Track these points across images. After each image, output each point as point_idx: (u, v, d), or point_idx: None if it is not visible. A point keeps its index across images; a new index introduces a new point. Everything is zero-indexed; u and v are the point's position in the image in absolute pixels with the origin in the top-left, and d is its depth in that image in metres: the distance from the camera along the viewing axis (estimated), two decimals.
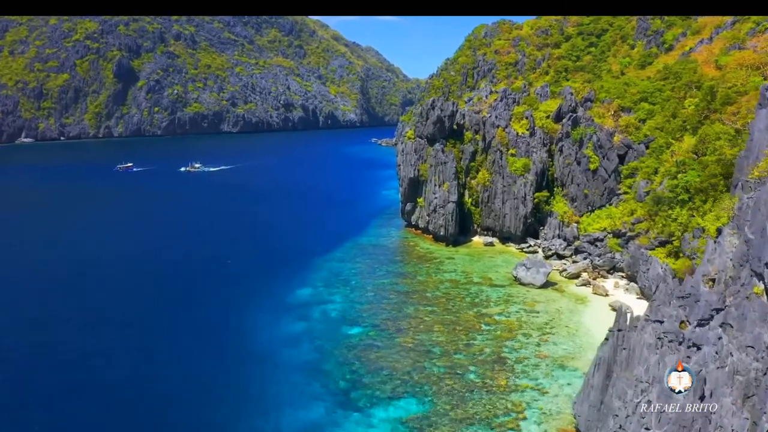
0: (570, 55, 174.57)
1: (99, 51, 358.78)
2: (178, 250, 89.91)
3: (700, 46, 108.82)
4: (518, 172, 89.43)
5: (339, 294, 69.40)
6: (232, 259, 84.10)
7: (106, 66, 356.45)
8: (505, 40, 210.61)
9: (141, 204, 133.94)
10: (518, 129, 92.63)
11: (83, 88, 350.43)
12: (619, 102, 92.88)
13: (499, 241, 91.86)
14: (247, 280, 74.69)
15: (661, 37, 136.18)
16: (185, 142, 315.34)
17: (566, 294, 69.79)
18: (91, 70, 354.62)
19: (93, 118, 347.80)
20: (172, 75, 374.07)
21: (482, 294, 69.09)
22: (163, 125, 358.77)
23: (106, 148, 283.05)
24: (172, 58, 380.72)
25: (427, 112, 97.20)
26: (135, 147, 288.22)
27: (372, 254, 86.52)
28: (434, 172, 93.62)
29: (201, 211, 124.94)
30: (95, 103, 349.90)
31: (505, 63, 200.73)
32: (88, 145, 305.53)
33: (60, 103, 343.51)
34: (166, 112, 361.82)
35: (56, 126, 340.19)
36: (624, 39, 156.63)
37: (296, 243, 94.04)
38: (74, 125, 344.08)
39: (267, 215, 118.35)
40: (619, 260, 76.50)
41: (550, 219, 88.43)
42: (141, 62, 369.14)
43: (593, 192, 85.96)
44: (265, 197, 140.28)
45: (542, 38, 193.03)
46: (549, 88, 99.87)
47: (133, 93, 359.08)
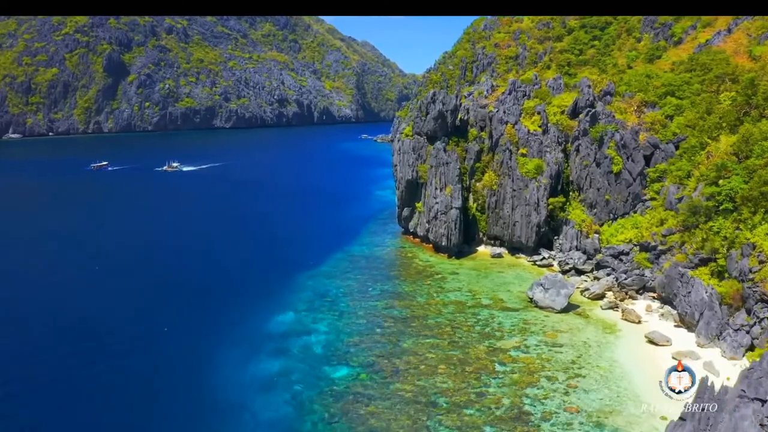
0: (573, 48, 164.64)
1: (89, 45, 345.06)
2: (132, 265, 76.75)
3: (719, 37, 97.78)
4: (530, 174, 77.93)
5: (324, 321, 57.82)
6: (200, 275, 72.28)
7: (96, 60, 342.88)
8: (505, 33, 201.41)
9: (102, 208, 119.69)
10: (529, 126, 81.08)
11: (72, 82, 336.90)
12: (641, 96, 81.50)
13: (508, 251, 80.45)
14: (217, 301, 63.01)
15: (669, 30, 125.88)
16: (175, 138, 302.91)
17: (592, 320, 58.41)
18: (80, 65, 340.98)
19: (82, 113, 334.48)
20: (163, 69, 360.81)
21: (493, 321, 57.64)
22: (154, 121, 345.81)
23: (91, 145, 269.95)
24: (163, 52, 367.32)
25: (427, 107, 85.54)
26: (122, 143, 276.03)
27: (364, 268, 74.91)
28: (435, 173, 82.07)
29: (168, 216, 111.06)
30: (84, 98, 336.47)
31: (506, 57, 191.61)
32: (75, 141, 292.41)
33: (49, 98, 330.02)
34: (157, 107, 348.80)
35: (45, 121, 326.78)
36: (630, 32, 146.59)
37: (279, 254, 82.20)
38: (63, 121, 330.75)
39: (246, 221, 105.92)
40: (649, 278, 65.17)
41: (566, 228, 77.00)
42: (132, 56, 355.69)
43: (615, 198, 74.57)
44: (246, 200, 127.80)
45: (544, 31, 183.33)
46: (563, 80, 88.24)
47: (123, 88, 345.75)
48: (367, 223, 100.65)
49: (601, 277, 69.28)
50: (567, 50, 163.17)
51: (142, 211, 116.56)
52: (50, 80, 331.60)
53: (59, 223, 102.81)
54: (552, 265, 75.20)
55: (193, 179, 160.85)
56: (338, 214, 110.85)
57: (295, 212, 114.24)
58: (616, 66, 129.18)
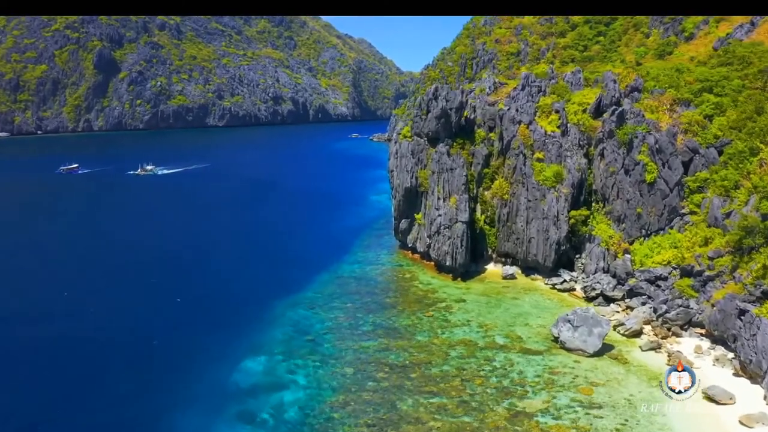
0: (577, 44, 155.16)
1: (79, 41, 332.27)
2: (76, 291, 63.49)
3: (742, 31, 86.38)
4: (548, 182, 66.07)
5: (304, 370, 45.83)
6: (153, 305, 59.65)
7: (87, 57, 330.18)
8: (506, 28, 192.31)
9: (60, 217, 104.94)
10: (546, 126, 69.19)
11: (62, 79, 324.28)
12: (673, 93, 69.74)
13: (522, 271, 68.58)
14: (172, 342, 50.88)
15: (679, 25, 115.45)
16: (166, 137, 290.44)
17: (632, 367, 46.60)
18: (70, 61, 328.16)
19: (72, 111, 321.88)
20: (155, 66, 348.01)
21: (512, 369, 45.77)
22: (146, 119, 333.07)
23: (76, 144, 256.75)
24: (156, 48, 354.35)
25: (428, 104, 73.56)
26: (109, 142, 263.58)
27: (355, 293, 62.79)
28: (437, 180, 70.17)
29: (125, 229, 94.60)
30: (74, 96, 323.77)
31: (507, 53, 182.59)
32: (63, 140, 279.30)
33: (37, 95, 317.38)
34: (148, 105, 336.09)
35: (33, 119, 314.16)
36: (637, 27, 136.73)
37: (255, 275, 69.82)
38: (52, 119, 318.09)
39: (220, 234, 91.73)
40: (695, 310, 53.46)
41: (591, 245, 65.18)
42: (123, 53, 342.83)
43: (649, 211, 62.73)
44: (224, 208, 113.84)
45: (546, 27, 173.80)
46: (582, 75, 76.27)
47: (114, 85, 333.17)
48: (359, 235, 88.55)
49: (635, 307, 57.55)
50: (571, 46, 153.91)
51: (97, 222, 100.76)
52: (39, 77, 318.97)
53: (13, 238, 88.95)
54: (574, 290, 63.37)
55: (168, 183, 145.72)
56: (328, 223, 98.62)
57: (280, 222, 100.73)
58: (625, 63, 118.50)
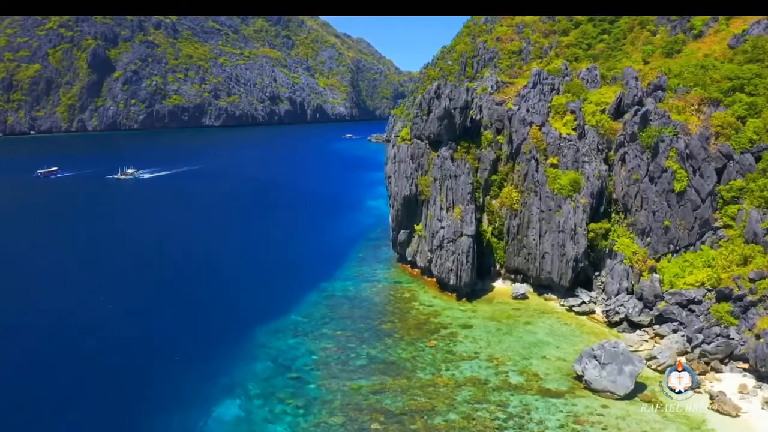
0: (580, 42, 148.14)
1: (73, 40, 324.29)
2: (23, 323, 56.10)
3: (759, 27, 79.45)
4: (563, 191, 58.66)
5: (284, 418, 38.32)
6: (119, 335, 51.65)
7: (81, 56, 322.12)
8: (507, 26, 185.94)
9: (25, 227, 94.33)
10: (561, 128, 61.77)
11: (56, 79, 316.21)
12: (699, 92, 62.38)
13: (534, 290, 61.17)
14: (134, 378, 43.38)
15: (687, 22, 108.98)
16: (159, 137, 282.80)
17: (668, 414, 39.14)
18: (64, 60, 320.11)
19: (66, 110, 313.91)
20: (150, 65, 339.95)
21: (530, 418, 38.29)
22: (140, 118, 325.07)
23: (66, 144, 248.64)
24: (151, 47, 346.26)
25: (429, 103, 66.08)
26: (102, 143, 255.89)
27: (347, 318, 55.16)
28: (440, 189, 62.76)
29: (92, 239, 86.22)
30: (68, 95, 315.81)
31: (508, 51, 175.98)
32: (55, 140, 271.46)
33: (31, 94, 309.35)
34: (143, 104, 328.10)
35: (26, 119, 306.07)
36: (643, 25, 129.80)
37: (236, 295, 61.93)
38: (45, 118, 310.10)
39: (200, 246, 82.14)
40: (737, 341, 46.16)
41: (612, 262, 57.80)
42: (118, 52, 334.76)
43: (677, 224, 55.37)
44: (207, 215, 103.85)
45: (549, 24, 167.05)
46: (598, 72, 68.78)
47: (108, 84, 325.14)
48: (354, 245, 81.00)
49: (665, 334, 50.21)
50: (574, 44, 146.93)
51: (56, 232, 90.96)
52: (32, 77, 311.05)
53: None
54: (594, 313, 55.99)
55: (148, 188, 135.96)
56: (322, 231, 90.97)
57: (269, 232, 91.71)
58: (630, 59, 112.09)
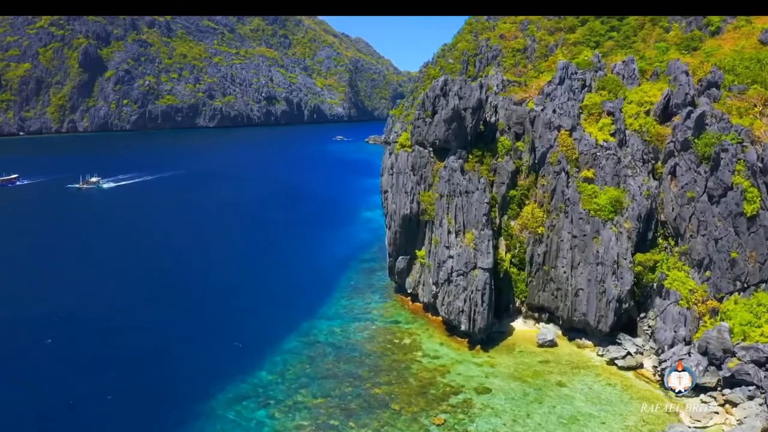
0: (588, 40, 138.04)
1: (64, 39, 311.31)
2: None
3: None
4: (602, 213, 46.22)
5: None
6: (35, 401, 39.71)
7: (72, 55, 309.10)
8: (511, 23, 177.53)
9: None
10: (596, 133, 49.36)
11: (46, 78, 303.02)
12: (761, 90, 50.17)
13: (563, 332, 48.80)
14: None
15: (703, 18, 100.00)
16: (151, 139, 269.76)
17: None
18: (55, 60, 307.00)
19: (56, 111, 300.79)
20: (143, 65, 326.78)
21: None
22: (133, 119, 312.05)
23: (51, 146, 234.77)
24: (144, 46, 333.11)
25: (434, 102, 53.49)
26: (89, 144, 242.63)
27: (331, 378, 42.19)
28: (447, 207, 50.28)
29: (30, 262, 70.93)
30: (59, 96, 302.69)
31: (512, 49, 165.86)
32: (42, 141, 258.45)
33: (20, 95, 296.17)
34: (135, 105, 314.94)
35: (15, 120, 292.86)
36: (654, 22, 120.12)
37: (191, 342, 48.77)
38: (35, 119, 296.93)
39: (158, 273, 66.88)
40: None
41: (663, 302, 45.35)
42: (110, 51, 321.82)
43: (747, 255, 42.96)
44: (173, 234, 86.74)
45: (554, 22, 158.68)
46: (636, 65, 56.33)
47: (100, 84, 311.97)
48: (345, 270, 68.14)
49: (739, 402, 37.86)
50: (581, 42, 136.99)
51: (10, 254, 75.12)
52: (22, 76, 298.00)
53: None
54: (642, 367, 43.53)
55: (108, 200, 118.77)
56: (309, 251, 77.69)
57: (245, 254, 76.51)
58: (644, 59, 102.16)
